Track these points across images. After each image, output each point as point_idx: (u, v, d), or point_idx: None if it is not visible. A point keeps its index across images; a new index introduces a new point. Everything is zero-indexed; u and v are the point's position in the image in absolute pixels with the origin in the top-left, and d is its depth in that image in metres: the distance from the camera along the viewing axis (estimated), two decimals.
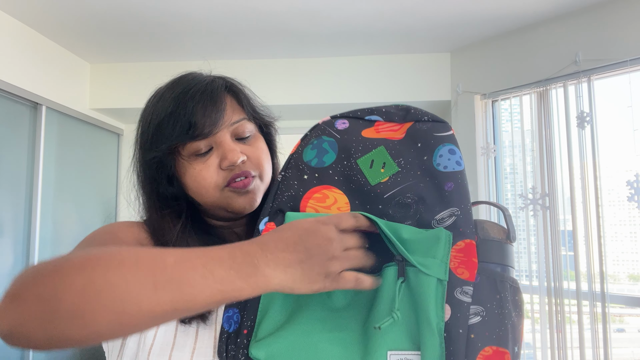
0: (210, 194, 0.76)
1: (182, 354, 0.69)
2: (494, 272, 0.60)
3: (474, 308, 0.58)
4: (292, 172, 0.69)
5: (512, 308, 0.59)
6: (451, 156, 0.65)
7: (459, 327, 0.56)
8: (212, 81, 0.78)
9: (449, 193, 0.63)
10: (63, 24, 2.58)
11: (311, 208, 0.66)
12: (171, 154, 0.76)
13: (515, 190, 2.80)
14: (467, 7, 2.43)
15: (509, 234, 0.63)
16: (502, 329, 0.57)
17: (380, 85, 3.07)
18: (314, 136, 0.70)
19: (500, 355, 0.56)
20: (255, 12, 2.48)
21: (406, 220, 0.63)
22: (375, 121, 0.71)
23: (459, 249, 0.60)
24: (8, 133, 2.46)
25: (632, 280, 2.51)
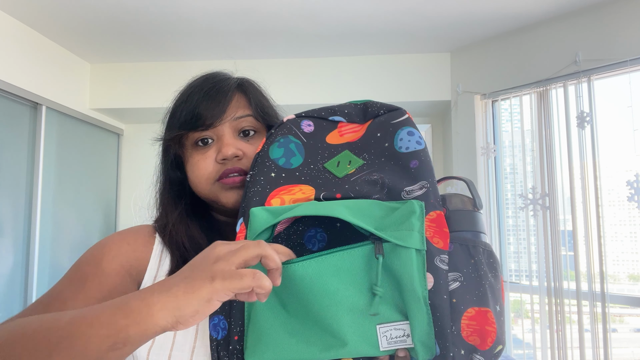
0: (202, 185, 0.78)
1: (182, 353, 0.69)
2: (466, 239, 0.63)
3: (452, 275, 0.60)
4: (259, 169, 0.69)
5: (487, 269, 0.62)
6: (410, 137, 0.68)
7: (442, 293, 0.58)
8: (227, 79, 0.82)
9: (415, 169, 0.65)
10: (63, 24, 2.58)
11: (277, 198, 0.66)
12: (178, 142, 0.80)
13: (515, 190, 2.80)
14: (467, 7, 2.43)
15: (475, 202, 0.66)
16: (480, 290, 0.60)
17: (380, 85, 3.07)
18: (279, 134, 0.72)
19: (483, 314, 0.59)
20: (255, 12, 2.48)
21: (373, 194, 0.63)
22: (338, 122, 0.74)
23: (431, 219, 0.62)
24: (8, 133, 2.46)
25: (632, 280, 2.51)
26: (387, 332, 0.58)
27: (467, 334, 0.58)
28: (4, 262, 2.40)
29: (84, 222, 3.04)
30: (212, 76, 0.82)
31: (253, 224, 0.62)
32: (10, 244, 2.45)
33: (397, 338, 0.58)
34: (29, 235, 2.55)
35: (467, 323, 0.58)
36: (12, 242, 2.46)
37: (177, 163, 0.81)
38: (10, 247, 2.45)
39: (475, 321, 0.58)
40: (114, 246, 0.77)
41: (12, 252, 2.46)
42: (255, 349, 0.60)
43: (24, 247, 2.53)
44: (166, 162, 0.82)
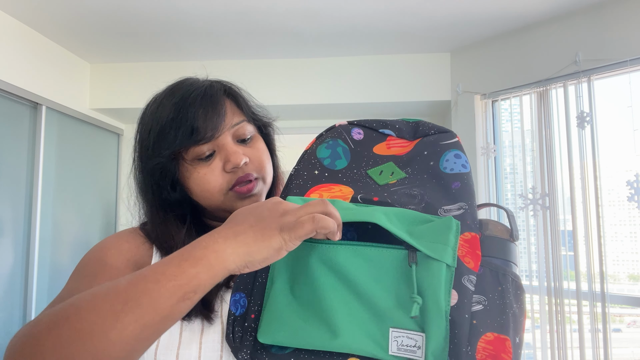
0: (215, 197, 0.77)
1: (190, 351, 0.69)
2: (496, 266, 0.62)
3: (477, 297, 0.60)
4: (304, 164, 0.72)
5: (513, 300, 0.61)
6: (457, 160, 0.69)
7: (464, 312, 0.58)
8: (211, 86, 0.79)
9: (455, 191, 0.66)
10: (63, 24, 2.58)
11: (316, 194, 0.68)
12: (174, 159, 0.77)
13: (515, 190, 2.80)
14: (467, 7, 2.43)
15: (512, 233, 0.65)
16: (503, 318, 0.59)
17: (381, 85, 3.07)
18: (329, 136, 0.74)
19: (501, 341, 0.58)
20: (255, 12, 2.48)
21: (410, 205, 0.64)
22: (387, 135, 0.75)
23: (465, 239, 0.62)
24: (8, 133, 2.46)
25: (632, 280, 2.51)
26: (399, 338, 0.58)
27: (482, 357, 0.57)
28: (4, 262, 2.40)
29: (84, 222, 3.04)
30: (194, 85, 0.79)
31: None
32: (10, 244, 2.45)
33: (407, 347, 0.58)
34: (29, 235, 2.55)
35: (484, 346, 0.58)
36: (12, 242, 2.46)
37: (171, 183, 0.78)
38: (10, 247, 2.45)
39: (492, 346, 0.58)
40: (114, 245, 0.76)
41: (12, 252, 2.46)
42: (269, 329, 0.61)
43: (24, 247, 2.53)
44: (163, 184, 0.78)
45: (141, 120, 0.81)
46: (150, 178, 0.79)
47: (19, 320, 2.48)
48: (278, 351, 0.63)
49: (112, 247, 0.76)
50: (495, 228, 0.66)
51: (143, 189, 0.81)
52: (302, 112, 3.31)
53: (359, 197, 0.66)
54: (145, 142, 0.79)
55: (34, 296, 2.52)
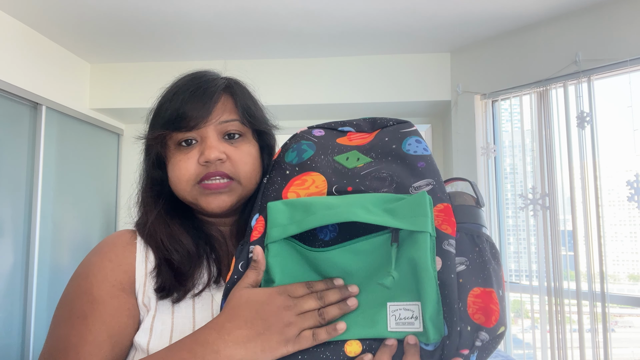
0: (182, 186, 0.77)
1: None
2: (470, 229, 0.68)
3: (458, 259, 0.64)
4: (276, 172, 0.75)
5: (490, 257, 0.66)
6: (418, 144, 0.74)
7: (450, 273, 0.62)
8: (214, 79, 0.80)
9: (422, 169, 0.71)
10: (63, 24, 2.58)
11: (292, 192, 0.71)
12: (161, 141, 0.79)
13: (515, 190, 2.80)
14: (467, 7, 2.43)
15: (478, 200, 0.72)
16: (485, 273, 0.64)
17: (380, 85, 3.07)
18: (293, 142, 0.78)
19: (488, 294, 0.62)
20: (255, 12, 2.48)
21: (383, 188, 0.69)
22: (347, 132, 0.80)
23: (439, 209, 0.67)
24: (8, 133, 2.46)
25: (632, 280, 2.51)
26: (397, 312, 0.62)
27: (473, 311, 0.61)
28: (4, 262, 2.40)
29: (84, 222, 3.04)
30: (198, 76, 0.81)
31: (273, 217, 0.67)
32: (10, 244, 2.45)
33: (406, 320, 0.62)
34: (29, 235, 2.55)
35: (473, 300, 0.62)
36: (12, 242, 2.46)
37: (158, 162, 0.81)
38: (10, 247, 2.45)
39: (481, 299, 0.62)
40: (97, 269, 0.75)
41: (12, 252, 2.46)
42: None
43: (24, 247, 2.53)
44: (148, 161, 0.82)
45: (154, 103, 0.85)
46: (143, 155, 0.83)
47: (19, 320, 2.48)
48: None
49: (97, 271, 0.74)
50: (462, 198, 0.71)
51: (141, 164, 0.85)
52: (302, 112, 3.31)
53: (333, 190, 0.70)
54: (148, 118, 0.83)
55: (34, 296, 2.52)
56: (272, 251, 0.65)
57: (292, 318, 0.61)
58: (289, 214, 0.66)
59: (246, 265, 0.67)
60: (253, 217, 0.71)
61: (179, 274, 0.74)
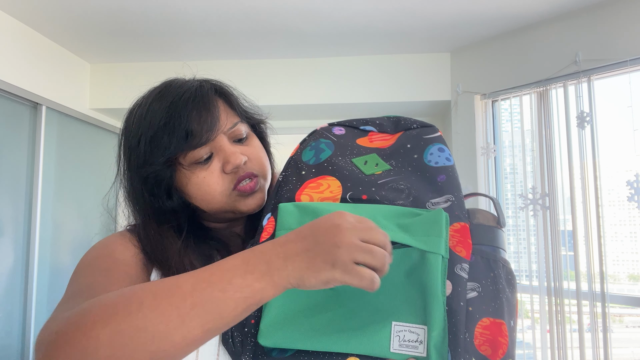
0: (217, 199, 0.75)
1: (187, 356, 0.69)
2: (487, 253, 0.64)
3: (470, 284, 0.61)
4: (291, 170, 0.72)
5: (505, 285, 0.62)
6: (440, 154, 0.70)
7: (459, 300, 0.59)
8: (201, 86, 0.77)
9: (441, 183, 0.67)
10: (63, 24, 2.58)
11: (306, 195, 0.69)
12: (170, 165, 0.74)
13: (515, 190, 2.80)
14: (467, 7, 2.43)
15: (499, 220, 0.67)
16: (497, 302, 0.61)
17: (380, 85, 3.07)
18: (312, 140, 0.75)
19: (497, 326, 0.59)
20: (255, 12, 2.48)
21: (398, 201, 0.65)
22: (369, 131, 0.76)
23: (455, 229, 0.63)
24: (8, 133, 2.46)
25: (632, 280, 2.51)
26: (401, 333, 0.59)
27: (480, 343, 0.58)
28: (4, 262, 2.40)
29: (84, 222, 3.04)
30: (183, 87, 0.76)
31: (282, 219, 0.66)
32: (10, 244, 2.45)
33: (409, 342, 0.59)
34: (29, 235, 2.55)
35: (481, 332, 0.59)
36: (12, 242, 2.46)
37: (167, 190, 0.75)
38: (10, 247, 2.45)
39: (489, 331, 0.59)
40: (118, 242, 0.75)
41: (12, 252, 2.46)
42: (269, 332, 0.62)
43: (24, 247, 2.53)
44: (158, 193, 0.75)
45: (127, 126, 0.78)
46: (143, 187, 0.76)
47: (19, 320, 2.48)
48: (279, 354, 0.63)
49: (117, 243, 0.75)
50: (483, 216, 0.67)
51: (134, 200, 0.79)
52: (302, 112, 3.31)
53: (348, 197, 0.67)
54: (135, 151, 0.75)
55: (34, 296, 2.52)
56: None
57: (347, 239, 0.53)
58: (298, 218, 0.65)
59: None
60: (265, 217, 0.70)
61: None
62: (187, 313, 0.51)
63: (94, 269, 0.70)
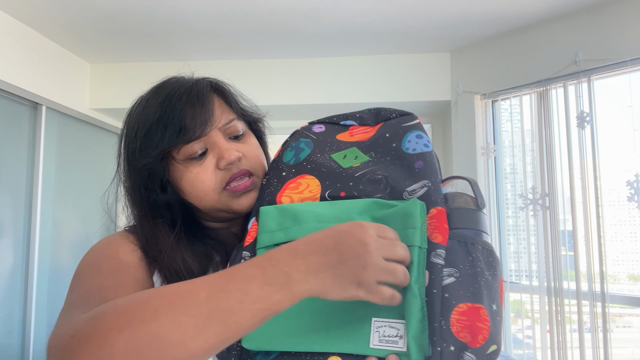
0: (209, 196, 0.75)
1: None
2: (465, 236, 0.63)
3: (448, 270, 0.60)
4: (273, 173, 0.73)
5: (484, 267, 0.61)
6: (419, 140, 0.70)
7: (433, 288, 0.58)
8: (197, 82, 0.78)
9: (419, 170, 0.67)
10: (63, 24, 2.58)
11: (286, 197, 0.69)
12: (164, 159, 0.75)
13: (515, 190, 2.80)
14: (467, 7, 2.43)
15: (477, 202, 0.66)
16: (475, 287, 0.59)
17: (380, 85, 3.07)
18: (292, 140, 0.75)
19: (475, 310, 0.58)
20: (255, 12, 2.48)
21: (376, 193, 0.66)
22: (349, 126, 0.77)
23: (431, 215, 0.63)
24: (8, 133, 2.46)
25: (632, 280, 2.51)
26: (381, 328, 0.59)
27: (457, 330, 0.57)
28: (4, 262, 2.40)
29: (84, 222, 3.04)
30: (180, 83, 0.77)
31: (263, 222, 0.66)
32: (10, 244, 2.45)
33: (389, 337, 0.58)
34: (29, 235, 2.55)
35: (457, 318, 0.58)
36: (12, 242, 2.46)
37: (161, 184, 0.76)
38: (10, 247, 2.45)
39: (466, 317, 0.57)
40: (121, 244, 0.74)
41: (12, 252, 2.46)
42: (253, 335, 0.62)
43: (24, 247, 2.53)
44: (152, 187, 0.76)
45: (127, 122, 0.79)
46: (139, 180, 0.76)
47: (19, 320, 2.48)
48: (263, 357, 0.63)
49: (120, 245, 0.74)
50: (463, 200, 0.66)
51: (131, 194, 0.79)
52: (302, 112, 3.31)
53: (327, 195, 0.67)
54: (132, 145, 0.76)
55: (34, 296, 2.52)
56: None
57: (373, 259, 0.53)
58: (278, 220, 0.65)
59: None
60: (250, 221, 0.70)
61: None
62: (203, 322, 0.50)
63: (101, 270, 0.69)
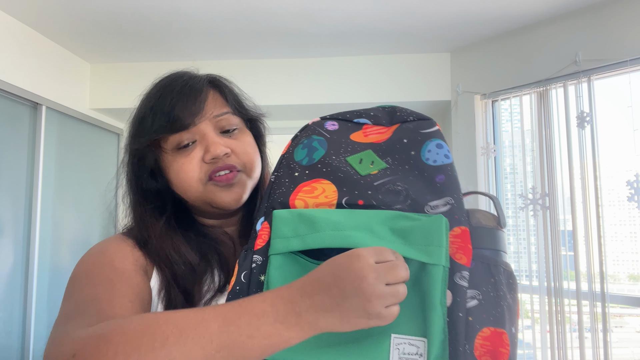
0: (193, 188, 0.75)
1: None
2: (487, 257, 0.61)
3: (471, 292, 0.59)
4: (284, 171, 0.70)
5: (506, 290, 0.60)
6: (439, 150, 0.66)
7: (458, 311, 0.57)
8: (195, 76, 0.79)
9: (440, 184, 0.64)
10: (63, 24, 2.58)
11: (300, 200, 0.66)
12: (155, 148, 0.76)
13: (515, 190, 2.80)
14: (467, 7, 2.43)
15: (499, 220, 0.65)
16: (498, 311, 0.59)
17: (380, 85, 3.07)
18: (304, 136, 0.72)
19: (498, 335, 0.58)
20: (255, 12, 2.48)
21: (396, 204, 0.63)
22: (363, 124, 0.73)
23: (455, 234, 0.61)
24: (8, 133, 2.46)
25: (632, 280, 2.51)
26: (401, 345, 0.57)
27: (480, 354, 0.57)
28: (4, 262, 2.40)
29: (84, 222, 3.04)
30: (179, 75, 0.79)
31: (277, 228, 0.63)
32: (10, 244, 2.45)
33: (409, 355, 0.57)
34: (29, 235, 2.55)
35: (481, 343, 0.57)
36: (12, 242, 2.46)
37: (152, 173, 0.77)
38: (10, 247, 2.45)
39: (490, 342, 0.57)
40: (115, 249, 0.73)
41: (12, 252, 2.46)
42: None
43: (24, 247, 2.53)
44: (140, 173, 0.77)
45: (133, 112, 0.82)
46: (131, 166, 0.78)
47: (19, 320, 2.48)
48: None
49: (115, 251, 0.73)
50: (483, 217, 0.65)
51: (128, 179, 0.81)
52: (301, 112, 3.31)
53: (343, 202, 0.64)
54: (130, 130, 0.79)
55: (34, 296, 2.52)
56: (274, 263, 0.62)
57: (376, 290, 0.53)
58: (293, 226, 0.62)
59: (249, 275, 0.63)
60: (258, 221, 0.68)
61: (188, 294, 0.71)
62: (212, 355, 0.51)
63: (95, 278, 0.68)
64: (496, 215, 0.65)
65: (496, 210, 0.66)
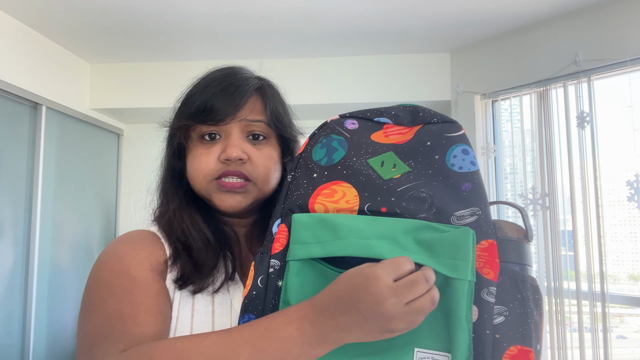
0: (199, 180, 0.76)
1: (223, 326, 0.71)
2: (514, 272, 0.60)
3: (498, 308, 0.58)
4: (302, 171, 0.67)
5: (533, 307, 0.59)
6: (465, 156, 0.63)
7: (485, 328, 0.56)
8: (248, 78, 0.80)
9: (467, 193, 0.61)
10: (63, 24, 2.58)
11: (320, 204, 0.64)
12: (185, 132, 0.78)
13: (515, 190, 2.80)
14: (467, 7, 2.43)
15: (527, 233, 0.63)
16: (525, 328, 0.57)
17: (380, 85, 3.07)
18: (322, 135, 0.69)
19: (525, 354, 0.57)
20: (255, 12, 2.48)
21: (420, 213, 0.61)
22: (384, 124, 0.70)
23: (482, 248, 0.59)
24: (8, 133, 2.46)
25: (632, 280, 2.51)
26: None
27: None
28: (4, 262, 2.40)
29: (84, 222, 3.04)
30: (233, 72, 0.80)
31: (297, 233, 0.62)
32: (10, 244, 2.45)
33: None
34: (29, 235, 2.55)
35: None
36: (12, 242, 2.46)
37: (179, 153, 0.80)
38: (10, 247, 2.45)
39: None
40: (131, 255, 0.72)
41: (12, 252, 2.46)
42: None
43: (24, 247, 2.53)
44: (169, 151, 0.81)
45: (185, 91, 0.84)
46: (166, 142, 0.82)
47: (19, 320, 2.48)
48: None
49: (131, 257, 0.71)
50: (509, 229, 0.62)
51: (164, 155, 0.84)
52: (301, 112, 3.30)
53: (366, 209, 0.62)
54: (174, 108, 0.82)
55: (34, 296, 2.52)
56: (292, 269, 0.60)
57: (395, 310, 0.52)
58: (314, 232, 0.60)
59: (266, 280, 0.62)
60: (274, 223, 0.66)
61: (197, 264, 0.72)
62: None
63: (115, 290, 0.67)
64: (521, 227, 0.63)
65: (524, 222, 0.64)
